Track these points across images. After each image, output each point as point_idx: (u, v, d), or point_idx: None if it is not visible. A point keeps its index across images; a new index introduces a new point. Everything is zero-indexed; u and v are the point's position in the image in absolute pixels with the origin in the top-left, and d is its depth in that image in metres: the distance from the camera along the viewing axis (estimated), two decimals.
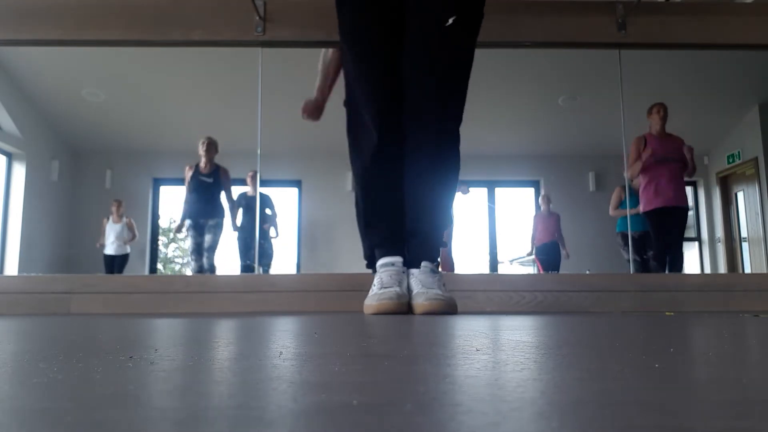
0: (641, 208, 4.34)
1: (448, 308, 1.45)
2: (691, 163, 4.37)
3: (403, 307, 1.51)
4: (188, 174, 5.13)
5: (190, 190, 5.15)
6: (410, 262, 1.62)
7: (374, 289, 1.58)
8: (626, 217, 4.95)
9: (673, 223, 4.24)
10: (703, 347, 0.57)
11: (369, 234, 1.70)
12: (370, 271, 1.83)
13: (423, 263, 1.59)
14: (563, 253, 6.15)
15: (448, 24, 1.55)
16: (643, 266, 4.72)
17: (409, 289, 1.57)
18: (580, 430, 0.22)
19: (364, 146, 1.64)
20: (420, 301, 1.46)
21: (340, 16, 1.68)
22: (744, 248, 6.80)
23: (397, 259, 1.62)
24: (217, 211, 5.21)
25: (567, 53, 4.64)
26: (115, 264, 6.39)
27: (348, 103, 1.75)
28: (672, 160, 4.20)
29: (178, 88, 6.25)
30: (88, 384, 0.33)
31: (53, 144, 6.80)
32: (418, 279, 1.56)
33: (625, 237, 5.24)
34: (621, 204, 5.22)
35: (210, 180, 5.12)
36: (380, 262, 1.64)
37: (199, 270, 5.11)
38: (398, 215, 1.67)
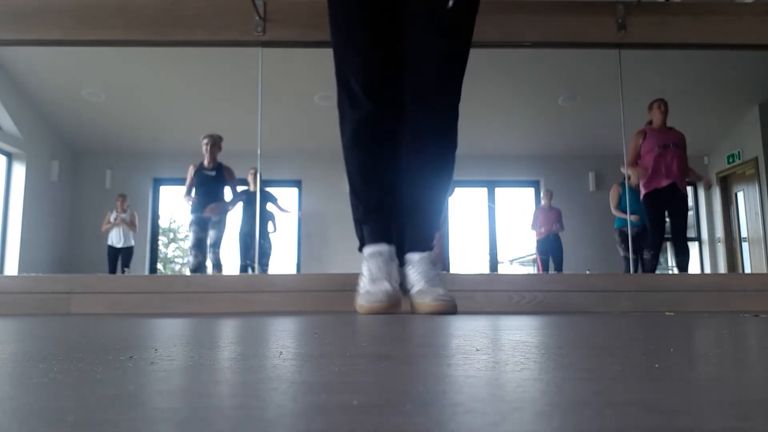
0: (642, 191, 4.37)
1: (453, 309, 1.46)
2: (694, 174, 4.50)
3: (395, 307, 1.51)
4: (192, 171, 5.14)
5: (195, 186, 5.15)
6: (408, 245, 1.60)
7: (364, 280, 1.58)
8: (625, 213, 4.98)
9: (672, 209, 4.26)
10: (703, 347, 0.57)
11: (356, 205, 1.66)
12: None
13: (422, 254, 1.57)
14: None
15: (449, 6, 1.54)
16: (639, 263, 4.73)
17: (408, 280, 1.56)
18: (580, 430, 0.22)
19: (355, 113, 1.61)
20: (427, 301, 1.46)
21: None
22: (744, 248, 6.80)
23: (384, 248, 1.59)
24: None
25: (567, 53, 4.64)
26: (120, 256, 6.37)
27: (337, 81, 1.69)
28: (673, 146, 4.24)
29: (178, 88, 6.24)
30: (88, 384, 0.33)
31: (53, 144, 6.80)
32: (419, 272, 1.55)
33: (621, 233, 5.26)
34: (620, 201, 5.24)
35: (213, 174, 5.11)
36: (368, 250, 1.62)
37: (198, 266, 5.09)
38: (387, 187, 1.64)
